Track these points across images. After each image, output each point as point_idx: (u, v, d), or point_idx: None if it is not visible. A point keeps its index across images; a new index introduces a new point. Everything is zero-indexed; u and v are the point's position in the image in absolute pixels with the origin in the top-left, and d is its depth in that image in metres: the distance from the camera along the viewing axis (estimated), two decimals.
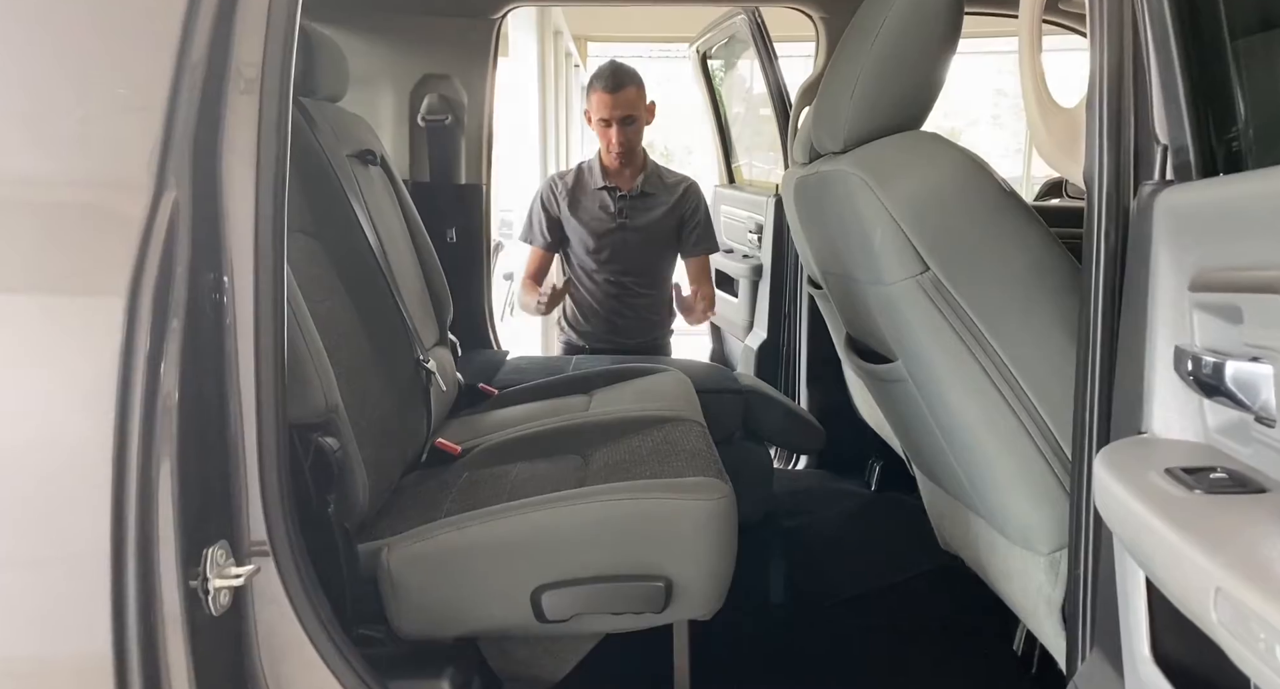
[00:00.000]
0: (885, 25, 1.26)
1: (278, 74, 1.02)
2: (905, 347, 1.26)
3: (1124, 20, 0.96)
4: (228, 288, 1.01)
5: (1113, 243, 0.98)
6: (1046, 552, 1.17)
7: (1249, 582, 0.46)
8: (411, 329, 1.71)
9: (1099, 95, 0.98)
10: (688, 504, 1.26)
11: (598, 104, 2.60)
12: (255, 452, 1.04)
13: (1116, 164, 0.97)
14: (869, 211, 1.20)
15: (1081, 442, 1.02)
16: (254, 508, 1.05)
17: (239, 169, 1.01)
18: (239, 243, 1.02)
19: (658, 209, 2.75)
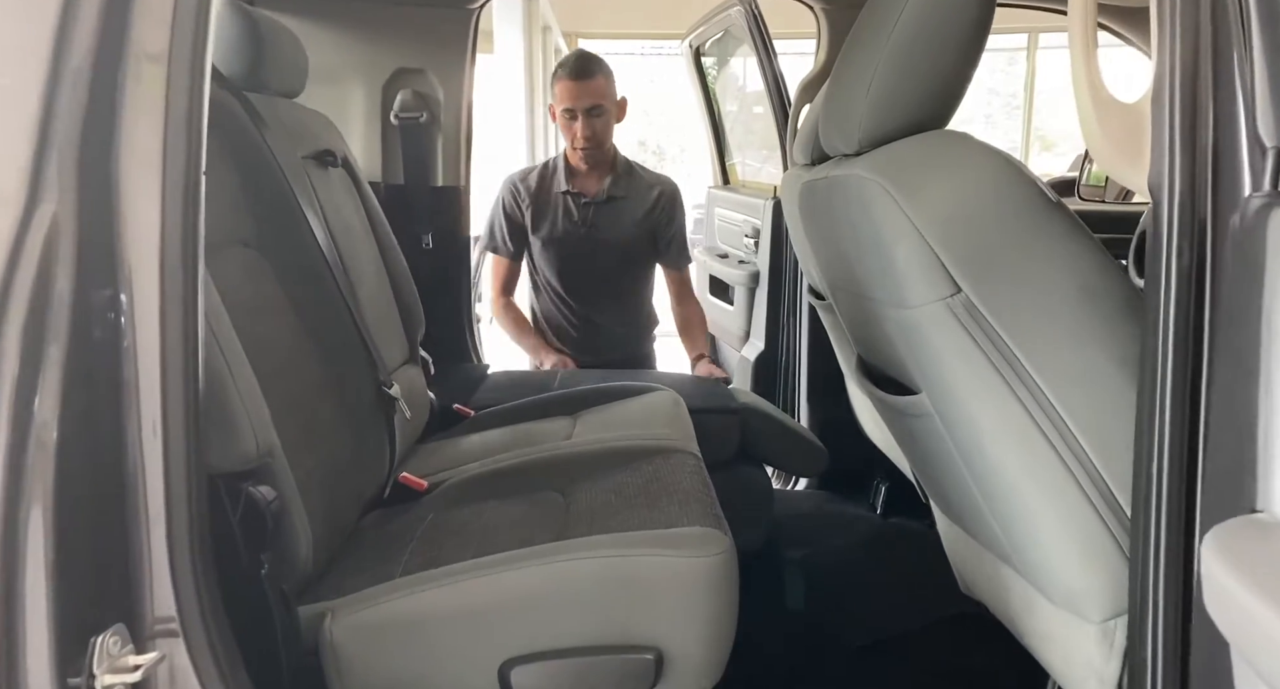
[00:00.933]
0: (906, 10, 1.09)
1: (188, 57, 0.85)
2: (931, 378, 1.09)
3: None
4: (125, 308, 0.84)
5: (1186, 263, 0.82)
6: (1099, 620, 1.00)
7: None
8: (372, 350, 1.54)
9: (1170, 88, 0.82)
10: (681, 562, 1.09)
11: (561, 93, 2.38)
12: (162, 507, 0.86)
13: (1192, 170, 0.81)
14: (890, 223, 1.03)
15: (1146, 501, 0.86)
16: (159, 578, 0.88)
17: (140, 171, 0.84)
18: (141, 256, 0.84)
19: (627, 216, 2.52)
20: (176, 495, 0.86)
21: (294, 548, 1.13)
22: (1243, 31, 0.75)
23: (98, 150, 0.83)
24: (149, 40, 0.84)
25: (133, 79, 0.84)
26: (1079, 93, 0.90)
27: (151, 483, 0.86)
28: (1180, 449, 0.83)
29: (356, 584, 1.17)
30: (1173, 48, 0.82)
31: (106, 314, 0.83)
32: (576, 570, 1.09)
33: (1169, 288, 0.82)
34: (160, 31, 0.84)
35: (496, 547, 1.20)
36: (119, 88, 0.84)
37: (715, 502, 1.27)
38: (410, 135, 2.49)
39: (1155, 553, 0.85)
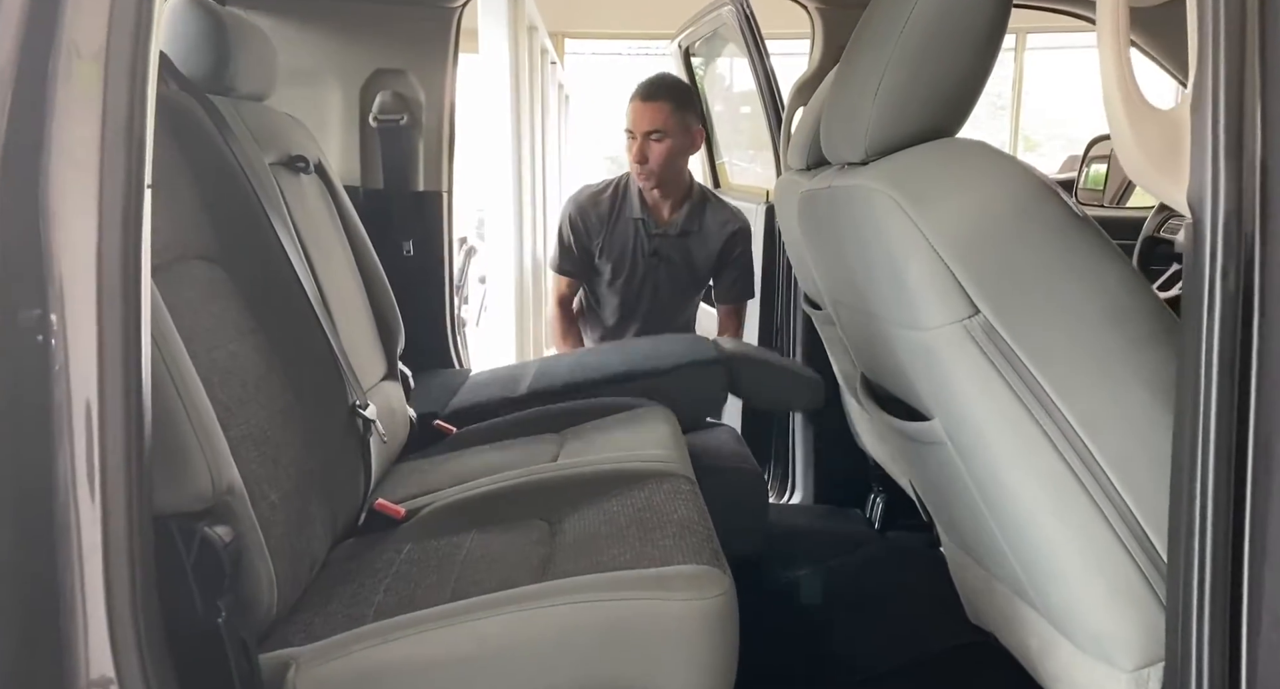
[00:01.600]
0: (917, 8, 1.01)
1: (128, 52, 0.76)
2: (946, 405, 1.01)
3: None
4: (56, 329, 0.76)
5: (1232, 286, 0.75)
6: (1131, 669, 0.93)
7: None
8: (346, 370, 1.45)
9: (1213, 94, 0.75)
10: (677, 605, 1.00)
11: (628, 115, 2.35)
12: (99, 553, 0.77)
13: (1239, 184, 0.74)
14: (902, 239, 0.95)
15: (1187, 544, 0.78)
16: (95, 635, 0.79)
17: (73, 179, 0.76)
18: (74, 273, 0.76)
19: (698, 249, 2.45)
20: (115, 539, 0.77)
21: (255, 591, 1.04)
22: None
23: (23, 156, 0.74)
24: (83, 34, 0.76)
25: (64, 77, 0.76)
26: (1110, 98, 0.83)
27: (86, 525, 0.77)
28: (1226, 488, 0.76)
29: (326, 627, 1.08)
30: (1215, 50, 0.75)
31: (35, 336, 0.75)
32: (562, 617, 1.00)
33: (1213, 313, 0.76)
34: (96, 24, 0.76)
35: (476, 585, 1.11)
36: (48, 87, 0.75)
37: (713, 533, 1.19)
38: (390, 138, 2.40)
39: (1200, 601, 0.78)
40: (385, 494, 1.54)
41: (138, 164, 0.77)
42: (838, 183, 1.13)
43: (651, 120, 2.32)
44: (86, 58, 0.76)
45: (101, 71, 0.76)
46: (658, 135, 2.33)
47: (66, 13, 0.75)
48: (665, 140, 2.34)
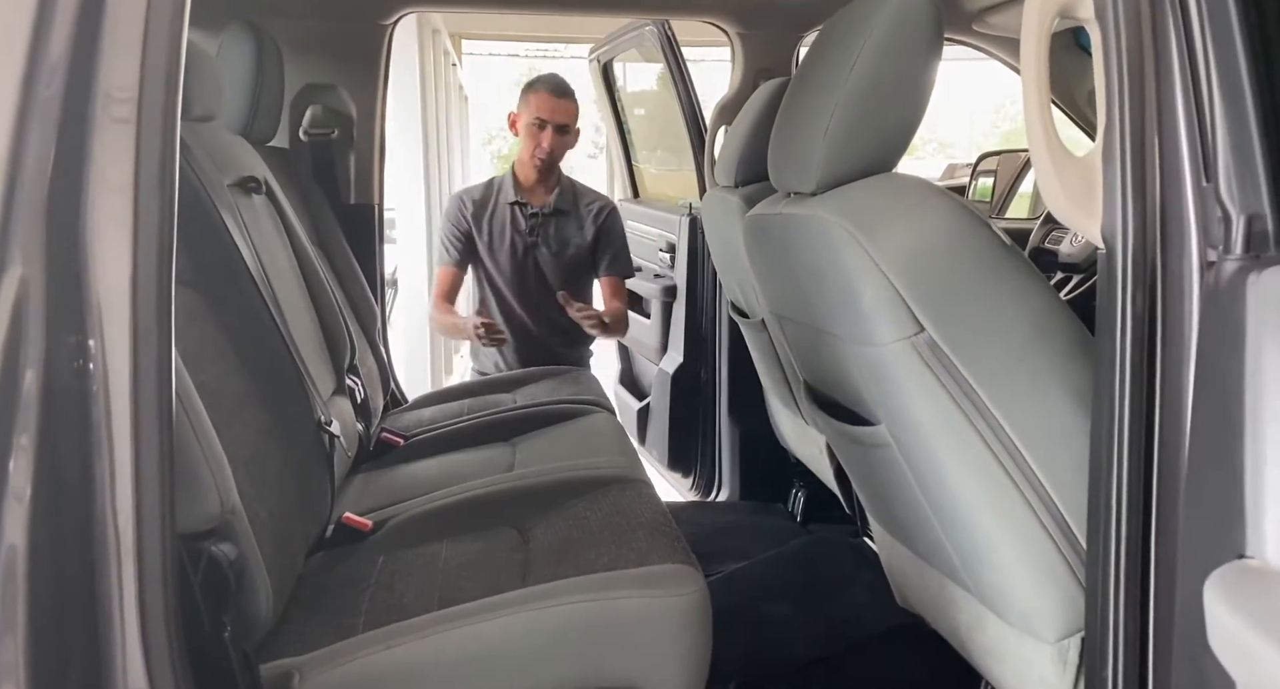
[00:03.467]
0: (861, 58, 1.13)
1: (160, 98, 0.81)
2: (893, 413, 1.14)
3: (1145, 58, 0.86)
4: (94, 354, 0.80)
5: (1139, 308, 0.88)
6: (1053, 639, 1.07)
7: None
8: (311, 386, 1.48)
9: (1120, 144, 0.88)
10: (658, 602, 1.10)
11: (537, 104, 2.48)
12: (134, 569, 0.81)
13: (1143, 222, 0.88)
14: (856, 266, 1.07)
15: (1105, 531, 0.92)
16: (132, 652, 0.83)
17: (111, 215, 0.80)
18: (111, 301, 0.80)
19: (571, 228, 2.63)
20: (150, 556, 0.82)
21: (255, 606, 1.08)
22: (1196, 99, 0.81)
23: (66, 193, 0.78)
24: (118, 81, 0.80)
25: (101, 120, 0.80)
26: (1035, 147, 0.96)
27: (124, 543, 0.81)
28: (1137, 483, 0.89)
29: (319, 638, 1.13)
30: (1121, 109, 0.88)
31: (74, 361, 0.79)
32: (557, 617, 1.08)
33: (1124, 331, 0.89)
34: (129, 72, 0.80)
35: (463, 592, 1.18)
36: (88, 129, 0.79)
37: (680, 534, 1.28)
38: (321, 152, 2.42)
39: (1115, 582, 0.91)
40: (346, 507, 1.58)
41: (169, 200, 0.82)
42: (789, 211, 1.25)
43: (566, 114, 2.50)
44: (121, 102, 0.80)
45: (135, 115, 0.80)
46: (564, 129, 2.51)
47: (103, 62, 0.79)
48: (568, 134, 2.54)
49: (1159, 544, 0.89)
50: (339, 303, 1.94)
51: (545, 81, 2.53)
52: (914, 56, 1.14)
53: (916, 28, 1.14)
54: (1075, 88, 2.38)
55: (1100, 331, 0.91)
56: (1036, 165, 0.96)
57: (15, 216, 0.75)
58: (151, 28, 0.81)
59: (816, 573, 2.01)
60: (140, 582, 0.82)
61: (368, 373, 2.10)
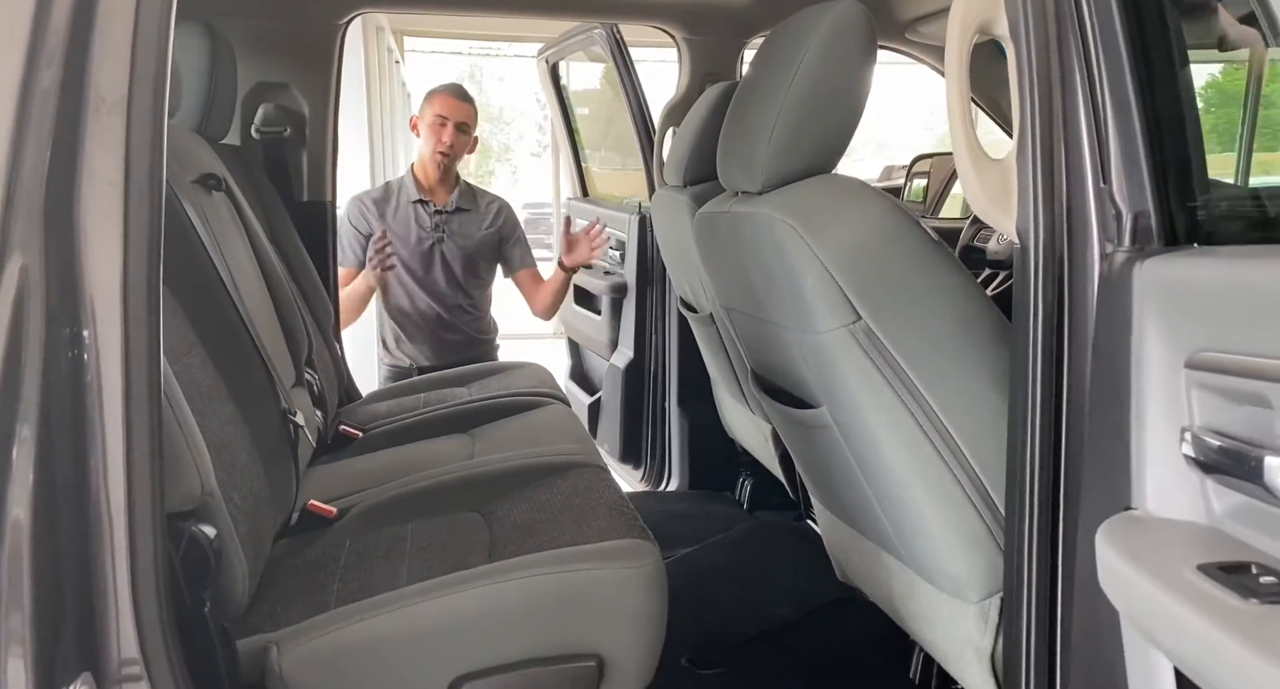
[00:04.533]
0: (802, 67, 1.22)
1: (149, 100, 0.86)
2: (833, 395, 1.23)
3: (1052, 71, 0.96)
4: (88, 344, 0.85)
5: (1050, 298, 0.98)
6: (976, 600, 1.17)
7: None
8: (276, 378, 1.53)
9: (1031, 149, 0.98)
10: (618, 573, 1.17)
11: (439, 104, 2.66)
12: (125, 549, 0.87)
13: (1051, 220, 0.97)
14: (799, 259, 1.16)
15: (1020, 498, 1.02)
16: (124, 622, 0.88)
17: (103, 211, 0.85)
18: (103, 294, 0.85)
19: (474, 225, 2.80)
20: (141, 534, 0.87)
21: (232, 584, 1.13)
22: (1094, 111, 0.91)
23: (61, 191, 0.83)
24: (108, 84, 0.85)
25: (93, 121, 0.84)
26: (958, 152, 1.06)
27: (116, 521, 0.86)
28: (1048, 454, 0.99)
29: (293, 615, 1.18)
30: (1032, 118, 0.97)
31: (69, 351, 0.83)
32: (521, 588, 1.15)
33: (1036, 318, 0.98)
34: (119, 75, 0.85)
35: (431, 570, 1.24)
36: (80, 130, 0.84)
37: (636, 513, 1.36)
38: (273, 150, 2.43)
39: (1029, 542, 1.01)
40: (309, 496, 1.62)
41: (158, 196, 0.87)
42: (737, 209, 1.34)
43: (465, 115, 2.70)
44: (111, 104, 0.85)
45: (125, 115, 0.85)
46: (465, 128, 2.70)
47: (94, 65, 0.84)
48: (467, 135, 2.73)
49: (1066, 507, 0.99)
50: (296, 299, 1.97)
51: (447, 86, 2.73)
52: (850, 65, 1.23)
53: (852, 38, 1.23)
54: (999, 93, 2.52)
55: (1016, 319, 1.01)
56: (959, 168, 1.06)
57: (15, 211, 0.80)
58: (140, 33, 0.87)
59: (761, 554, 2.11)
60: (132, 555, 0.87)
61: (324, 367, 2.13)
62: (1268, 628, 0.55)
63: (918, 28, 2.48)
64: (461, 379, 2.43)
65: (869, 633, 1.70)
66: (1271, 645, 0.53)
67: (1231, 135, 2.02)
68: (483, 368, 2.53)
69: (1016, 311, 1.01)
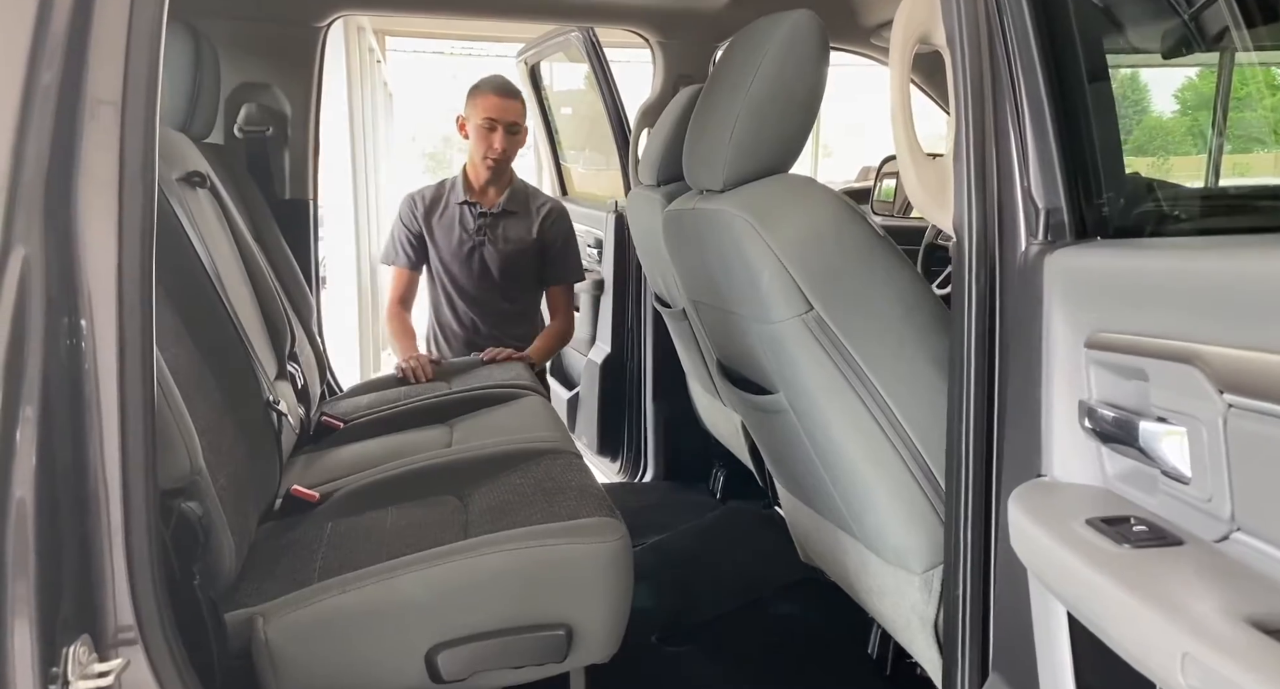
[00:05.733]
0: (760, 72, 1.30)
1: (142, 101, 0.93)
2: (789, 381, 1.31)
3: (984, 80, 1.04)
4: (85, 333, 0.91)
5: (983, 287, 1.06)
6: (920, 571, 1.25)
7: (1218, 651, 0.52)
8: (260, 369, 1.59)
9: (965, 151, 1.06)
10: (586, 548, 1.25)
11: (485, 106, 2.52)
12: (121, 522, 0.93)
13: (984, 216, 1.05)
14: (755, 253, 1.24)
15: (957, 473, 1.09)
16: (120, 589, 0.94)
17: (98, 205, 0.91)
18: (99, 284, 0.92)
19: (518, 229, 2.68)
20: (136, 508, 0.93)
21: (219, 560, 1.20)
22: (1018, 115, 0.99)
23: (60, 187, 0.89)
24: (103, 86, 0.91)
25: (89, 121, 0.91)
26: (900, 151, 1.14)
27: (113, 499, 0.92)
28: (982, 432, 1.07)
29: (277, 589, 1.25)
30: (965, 118, 1.05)
31: (67, 340, 0.90)
32: (495, 562, 1.22)
33: (970, 306, 1.07)
34: (113, 78, 0.92)
35: (410, 547, 1.31)
36: (77, 129, 0.90)
37: (606, 495, 1.44)
38: (255, 149, 2.50)
39: (965, 514, 1.09)
40: (292, 482, 1.68)
41: (149, 193, 0.93)
42: (701, 206, 1.41)
43: (515, 113, 2.55)
44: (106, 105, 0.92)
45: (119, 116, 0.92)
46: (515, 128, 2.56)
47: (90, 70, 0.91)
48: (518, 134, 2.59)
49: (999, 480, 1.07)
50: (278, 293, 2.04)
51: (490, 83, 2.57)
52: (805, 70, 1.31)
53: (806, 45, 1.31)
54: None
55: (954, 306, 1.09)
56: (901, 167, 1.14)
57: (18, 205, 0.86)
58: (134, 36, 0.93)
59: (729, 540, 2.19)
60: (127, 529, 0.93)
61: (306, 361, 2.20)
62: (1136, 569, 0.63)
63: (881, 33, 2.57)
64: (442, 373, 2.50)
65: (830, 611, 1.78)
66: (1138, 583, 0.61)
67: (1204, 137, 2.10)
68: (463, 363, 2.59)
69: (954, 300, 1.09)
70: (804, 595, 1.87)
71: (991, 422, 1.07)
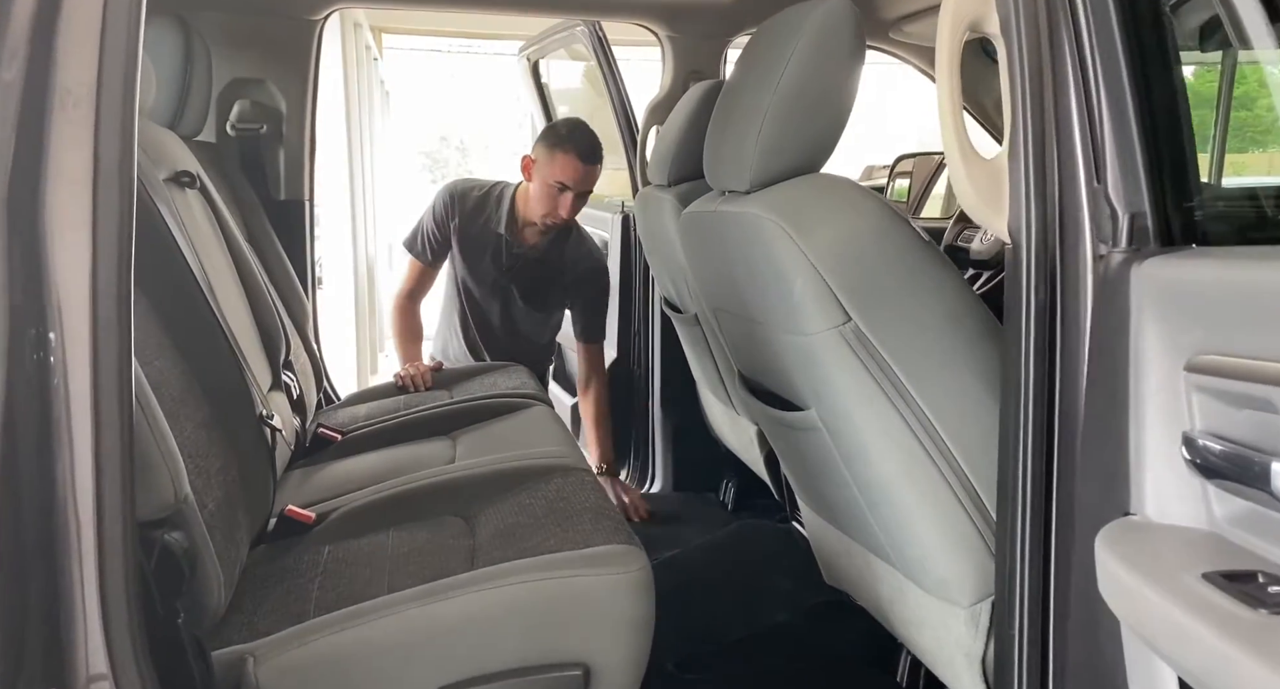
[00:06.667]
0: (790, 66, 1.21)
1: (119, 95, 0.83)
2: (822, 397, 1.21)
3: (1044, 69, 0.95)
4: (54, 347, 0.81)
5: (1043, 297, 0.97)
6: (967, 604, 1.16)
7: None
8: (252, 381, 1.49)
9: (1023, 148, 0.96)
10: (604, 579, 1.15)
11: (564, 168, 2.26)
12: (94, 559, 0.84)
13: (1044, 220, 0.96)
14: (788, 260, 1.14)
15: (1012, 502, 1.00)
16: (93, 635, 0.85)
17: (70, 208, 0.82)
18: (70, 295, 0.82)
19: (549, 279, 2.50)
20: (111, 544, 0.84)
21: (206, 594, 1.10)
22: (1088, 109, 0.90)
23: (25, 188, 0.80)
24: (75, 78, 0.82)
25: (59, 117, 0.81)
26: (949, 150, 1.04)
27: (85, 531, 0.83)
28: (1041, 456, 0.98)
29: (271, 625, 1.15)
30: (1024, 115, 0.96)
31: (34, 354, 0.80)
32: (506, 596, 1.12)
33: (1029, 317, 0.97)
34: (87, 69, 0.82)
35: (412, 577, 1.21)
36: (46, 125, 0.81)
37: (623, 517, 1.34)
38: (249, 147, 2.40)
39: (1020, 547, 1.00)
40: (286, 501, 1.59)
41: (128, 193, 0.84)
42: (724, 208, 1.32)
43: (591, 181, 2.32)
44: (78, 97, 0.82)
45: (93, 110, 0.82)
46: (585, 196, 2.35)
47: (60, 55, 0.81)
48: (586, 198, 2.37)
49: (1059, 510, 0.97)
50: (273, 299, 1.94)
51: (577, 143, 2.27)
52: (838, 64, 1.22)
53: (839, 37, 1.22)
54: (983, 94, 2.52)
55: (1008, 319, 1.00)
56: (950, 167, 1.04)
57: None
58: (109, 22, 0.83)
59: (746, 556, 2.10)
60: (101, 568, 0.84)
61: (301, 369, 2.10)
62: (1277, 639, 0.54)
63: (902, 27, 2.47)
64: (443, 381, 2.40)
65: (856, 636, 1.68)
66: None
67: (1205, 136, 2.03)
68: (464, 370, 2.49)
69: (1008, 311, 1.00)
70: (829, 619, 1.77)
71: (1051, 446, 0.97)
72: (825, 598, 1.77)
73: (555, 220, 2.34)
